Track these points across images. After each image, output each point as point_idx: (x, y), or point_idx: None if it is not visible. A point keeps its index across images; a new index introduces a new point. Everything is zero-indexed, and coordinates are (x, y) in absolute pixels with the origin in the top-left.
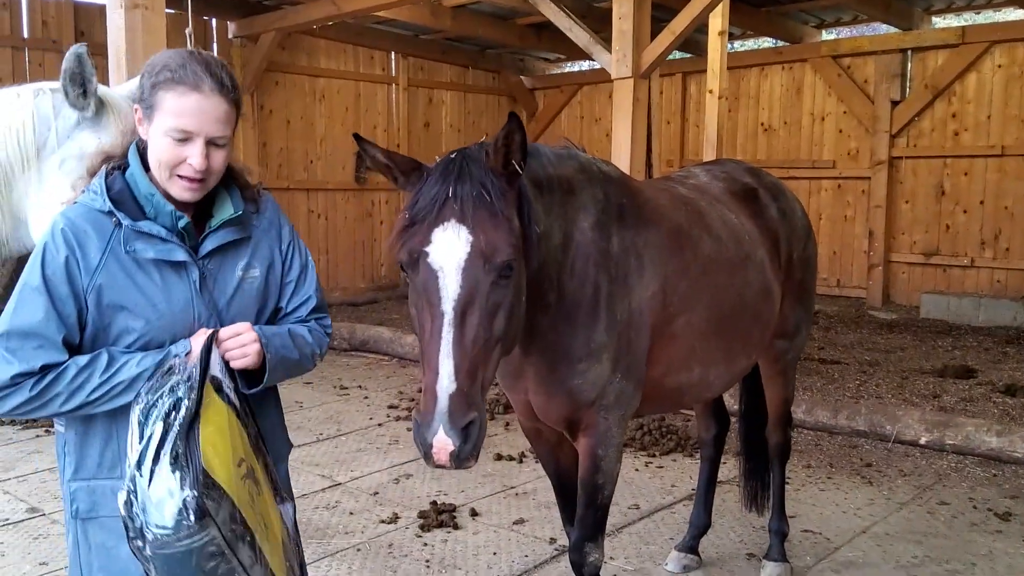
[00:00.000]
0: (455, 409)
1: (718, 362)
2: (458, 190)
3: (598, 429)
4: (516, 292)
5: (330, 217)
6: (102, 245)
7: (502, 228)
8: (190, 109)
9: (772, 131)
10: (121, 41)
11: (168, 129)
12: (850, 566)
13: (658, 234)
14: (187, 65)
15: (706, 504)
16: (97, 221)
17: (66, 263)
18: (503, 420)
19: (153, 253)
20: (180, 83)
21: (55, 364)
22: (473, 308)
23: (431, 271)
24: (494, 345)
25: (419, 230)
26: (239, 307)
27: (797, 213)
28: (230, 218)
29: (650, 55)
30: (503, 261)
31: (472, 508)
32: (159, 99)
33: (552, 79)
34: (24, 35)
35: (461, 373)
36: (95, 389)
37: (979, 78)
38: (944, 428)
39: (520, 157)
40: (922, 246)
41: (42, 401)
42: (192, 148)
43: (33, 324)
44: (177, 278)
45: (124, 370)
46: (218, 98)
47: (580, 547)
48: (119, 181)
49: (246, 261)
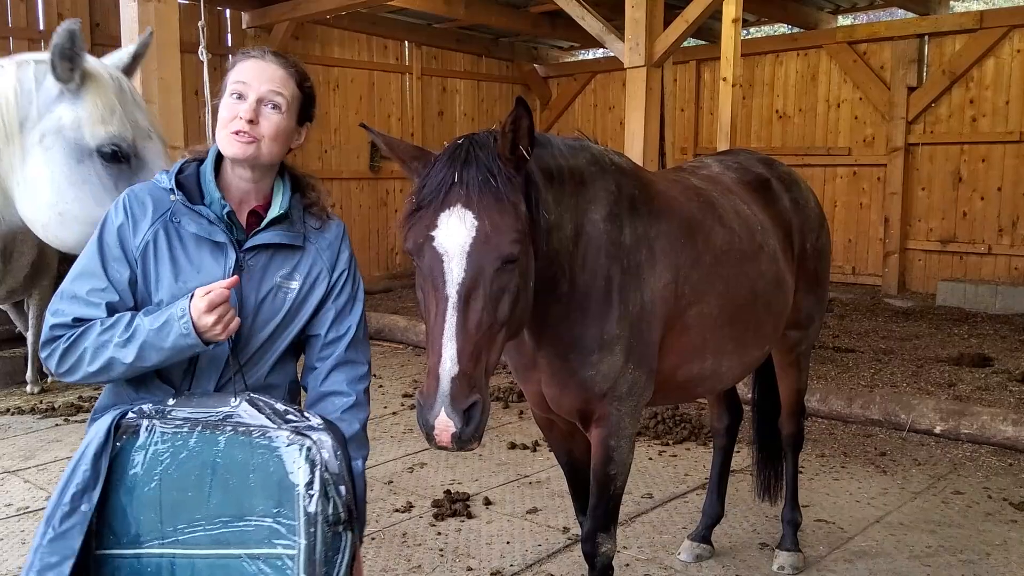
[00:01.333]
0: (457, 391)
1: (731, 353)
2: (464, 175)
3: (610, 420)
4: (522, 277)
5: (344, 206)
6: (154, 216)
7: (508, 213)
8: (248, 69)
9: (787, 118)
10: (135, 33)
11: (230, 89)
12: (863, 556)
13: (670, 225)
14: (255, 48)
15: (719, 494)
16: (158, 196)
17: (119, 229)
18: (517, 408)
19: (195, 229)
20: (247, 55)
21: (87, 319)
22: (477, 293)
23: (436, 256)
24: (499, 329)
25: (425, 215)
26: (268, 312)
27: (810, 203)
28: (277, 217)
29: (663, 43)
30: (508, 246)
31: (486, 497)
32: (230, 74)
33: (566, 67)
34: (40, 27)
35: (464, 356)
36: (109, 347)
37: (997, 63)
38: (959, 417)
39: (527, 142)
40: (938, 233)
41: (74, 356)
42: (245, 104)
43: (80, 281)
44: (213, 260)
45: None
46: (275, 64)
47: (592, 537)
48: (191, 168)
49: (288, 271)
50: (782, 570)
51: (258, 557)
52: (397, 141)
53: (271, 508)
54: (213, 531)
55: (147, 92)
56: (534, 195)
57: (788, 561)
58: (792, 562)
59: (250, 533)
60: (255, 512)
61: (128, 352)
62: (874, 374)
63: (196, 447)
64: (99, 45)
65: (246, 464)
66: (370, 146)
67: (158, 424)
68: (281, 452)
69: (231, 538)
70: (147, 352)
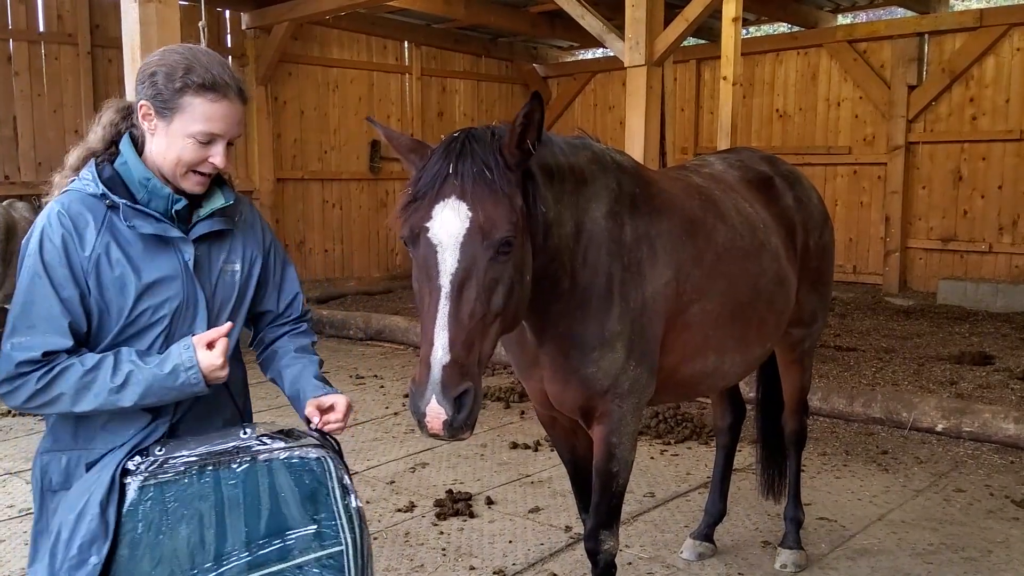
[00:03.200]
0: (448, 379)
1: (733, 351)
2: (459, 167)
3: (612, 417)
4: (517, 269)
5: (344, 207)
6: (97, 226)
7: (502, 205)
8: (220, 115)
9: (787, 117)
10: (136, 34)
11: (195, 132)
12: (865, 553)
13: (671, 223)
14: (211, 69)
15: (722, 492)
16: (91, 204)
17: (64, 245)
18: (519, 408)
19: (151, 229)
20: (210, 90)
21: (57, 351)
22: (470, 283)
23: (431, 246)
24: (492, 320)
25: (420, 206)
26: (222, 296)
27: (813, 201)
28: (222, 207)
29: (663, 42)
30: (501, 237)
31: (488, 496)
32: (186, 102)
33: (565, 67)
34: (40, 29)
35: (456, 345)
36: (100, 393)
37: (997, 62)
38: (961, 415)
39: (536, 136)
40: (939, 232)
41: (49, 397)
42: (215, 148)
43: (34, 310)
44: (167, 257)
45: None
46: (239, 103)
47: (595, 535)
48: (108, 169)
49: (226, 255)
50: (784, 568)
51: (307, 564)
52: (397, 134)
53: (310, 517)
54: (248, 558)
55: None
56: (531, 189)
57: (790, 559)
58: (794, 560)
59: (291, 546)
60: (294, 526)
61: (126, 397)
62: (875, 373)
63: (208, 485)
64: (99, 47)
65: (274, 485)
66: (370, 147)
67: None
68: (312, 464)
69: (271, 557)
70: (150, 398)
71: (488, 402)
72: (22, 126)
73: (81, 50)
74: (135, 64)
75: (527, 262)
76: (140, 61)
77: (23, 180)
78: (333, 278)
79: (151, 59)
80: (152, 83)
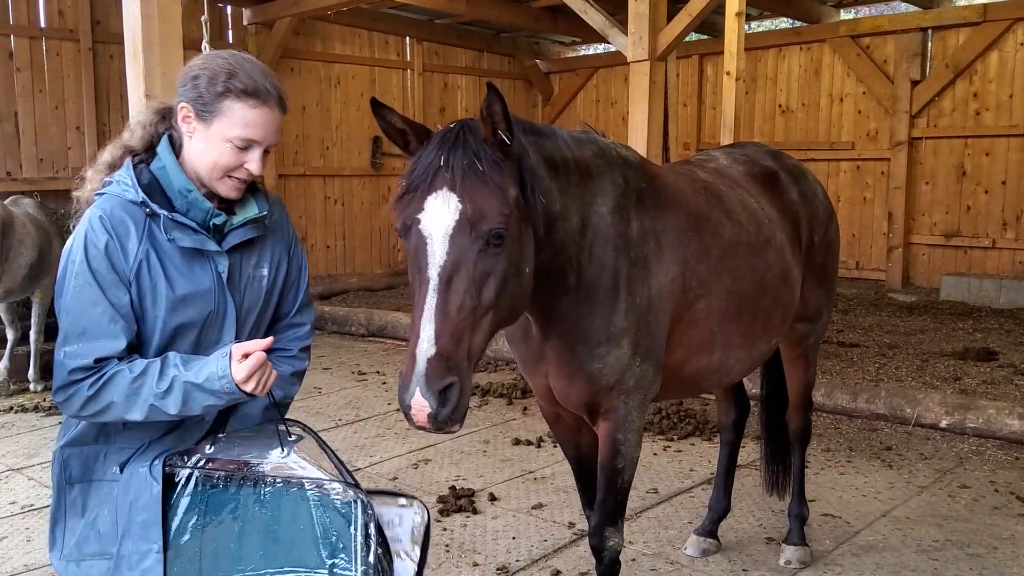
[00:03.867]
0: (432, 372)
1: (738, 347)
2: (451, 159)
3: (618, 413)
4: (511, 262)
5: (346, 203)
6: (138, 234)
7: (493, 197)
8: (258, 121)
9: (790, 113)
10: (137, 29)
11: (234, 137)
12: (870, 550)
13: (677, 218)
14: (253, 75)
15: (726, 488)
16: (131, 211)
17: (107, 249)
18: (521, 405)
19: (189, 242)
20: (253, 96)
21: (109, 357)
22: (459, 275)
23: (422, 238)
24: (484, 313)
25: (413, 198)
26: (250, 302)
27: (818, 195)
28: (255, 217)
29: (666, 37)
30: (491, 229)
31: (491, 493)
32: (226, 107)
33: (567, 62)
34: (41, 25)
35: (442, 338)
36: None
37: (1001, 57)
38: (965, 411)
39: (505, 127)
40: (942, 227)
41: (101, 405)
42: (252, 154)
43: (85, 317)
44: (201, 269)
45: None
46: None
47: (600, 532)
48: (146, 174)
49: (256, 260)
50: (789, 564)
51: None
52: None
53: (325, 558)
54: None
55: (149, 87)
56: (529, 180)
57: (795, 555)
58: (799, 556)
59: None
60: (306, 563)
61: (170, 405)
62: (879, 368)
63: (238, 498)
64: (100, 43)
65: (296, 515)
66: (371, 143)
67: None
68: (338, 505)
69: None
70: (192, 405)
71: (491, 398)
72: (23, 122)
73: (83, 46)
74: (137, 59)
75: (525, 255)
76: (142, 56)
77: (24, 176)
78: (335, 274)
79: (194, 62)
80: (194, 86)
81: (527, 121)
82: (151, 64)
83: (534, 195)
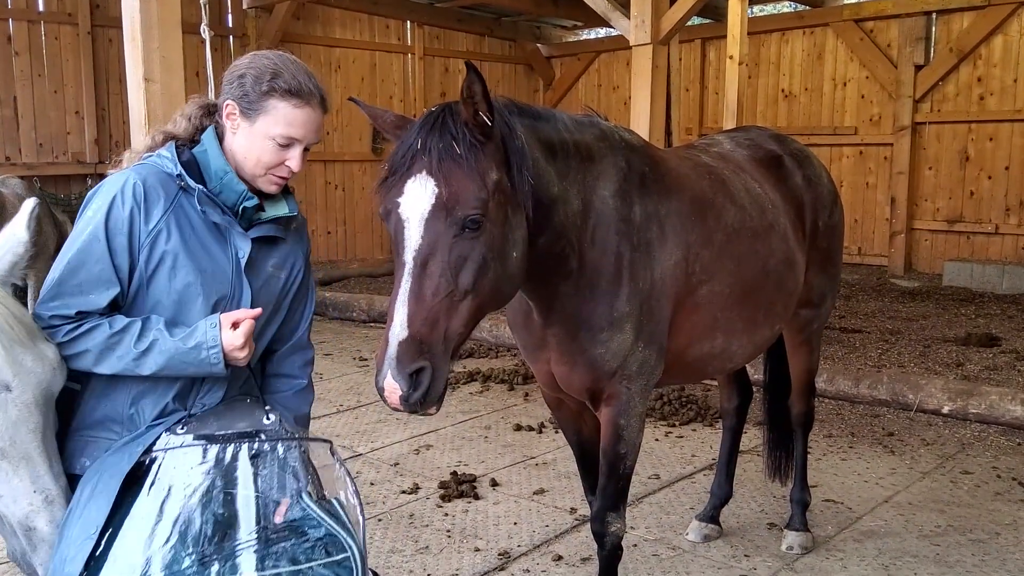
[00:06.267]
0: (402, 356)
1: (741, 332)
2: (429, 142)
3: (620, 399)
4: (490, 247)
5: (347, 188)
6: (165, 205)
7: (469, 181)
8: (301, 121)
9: (793, 97)
10: (136, 12)
11: (277, 135)
12: (872, 535)
13: (681, 203)
14: (297, 76)
15: (728, 474)
16: (164, 181)
17: (130, 216)
18: (522, 391)
19: (218, 219)
20: (296, 95)
21: (90, 312)
22: (435, 259)
23: (400, 222)
24: (461, 298)
25: (394, 182)
26: (265, 299)
27: (823, 180)
28: (285, 216)
29: (669, 20)
30: (466, 214)
31: (492, 478)
32: (271, 105)
33: (569, 47)
34: (39, 9)
35: (415, 322)
36: (124, 357)
37: (1005, 41)
38: (967, 397)
39: (485, 107)
40: (945, 213)
41: (74, 351)
42: (293, 152)
43: (84, 271)
44: (221, 251)
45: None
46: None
47: (602, 517)
48: (186, 153)
49: (276, 260)
50: (791, 550)
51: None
52: (381, 111)
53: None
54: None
55: (148, 70)
56: (515, 162)
57: (797, 541)
58: (801, 542)
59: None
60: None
61: (145, 366)
62: (881, 354)
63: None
64: (99, 26)
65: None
66: (372, 128)
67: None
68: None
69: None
70: (169, 370)
71: (492, 384)
72: (22, 107)
73: (81, 30)
74: (135, 43)
75: (512, 239)
76: (140, 40)
77: (24, 161)
78: (336, 260)
79: (241, 62)
80: (240, 84)
81: (524, 104)
82: (150, 47)
83: (521, 177)
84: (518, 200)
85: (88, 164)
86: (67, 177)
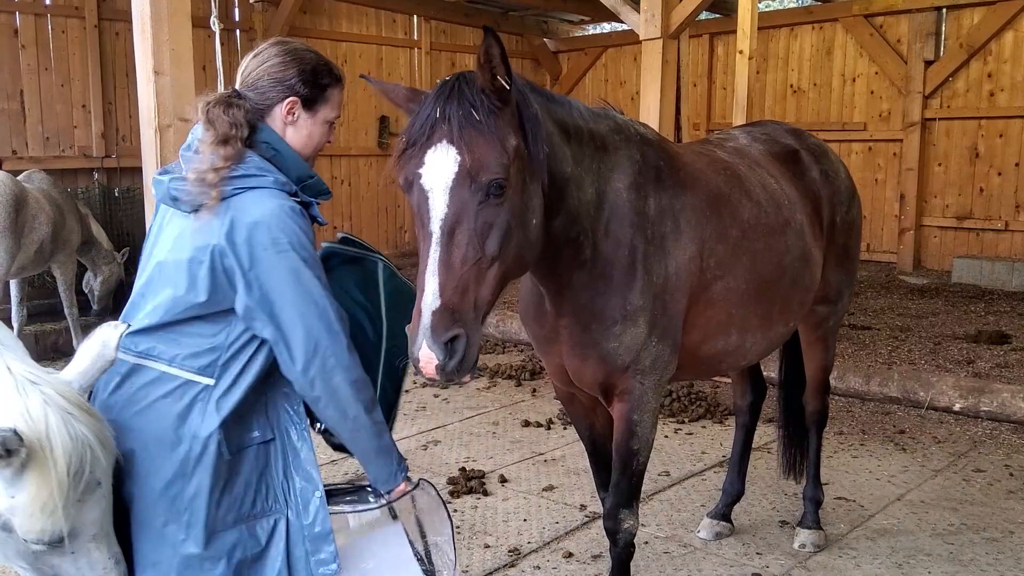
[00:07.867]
0: (437, 324)
1: (756, 329)
2: (447, 110)
3: (633, 394)
4: (513, 213)
5: (353, 183)
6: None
7: (490, 147)
8: (341, 102)
9: (801, 93)
10: (146, 5)
11: (332, 118)
12: (885, 534)
13: (696, 198)
14: (330, 65)
15: (740, 471)
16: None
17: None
18: (530, 386)
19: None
20: (340, 80)
21: None
22: (462, 228)
23: (423, 193)
24: (489, 265)
25: (414, 153)
26: None
27: (840, 175)
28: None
29: (679, 15)
30: (490, 180)
31: (501, 474)
32: (328, 96)
33: (576, 42)
34: (46, 2)
35: (447, 291)
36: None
37: (1016, 37)
38: (979, 394)
39: (503, 71)
40: (955, 210)
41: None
42: (331, 129)
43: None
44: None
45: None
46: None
47: (615, 514)
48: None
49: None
50: (803, 548)
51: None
52: (392, 86)
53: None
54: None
55: (158, 63)
56: (530, 128)
57: (809, 539)
58: (813, 540)
59: None
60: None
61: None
62: (891, 351)
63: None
64: (106, 20)
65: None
66: (378, 122)
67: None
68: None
69: None
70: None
71: (500, 380)
72: (29, 100)
73: (88, 23)
74: (145, 35)
75: (531, 206)
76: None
77: (31, 155)
78: None
79: (281, 60)
80: (301, 80)
81: (540, 87)
82: (159, 40)
83: (535, 144)
84: (534, 168)
85: (95, 158)
86: (74, 171)
